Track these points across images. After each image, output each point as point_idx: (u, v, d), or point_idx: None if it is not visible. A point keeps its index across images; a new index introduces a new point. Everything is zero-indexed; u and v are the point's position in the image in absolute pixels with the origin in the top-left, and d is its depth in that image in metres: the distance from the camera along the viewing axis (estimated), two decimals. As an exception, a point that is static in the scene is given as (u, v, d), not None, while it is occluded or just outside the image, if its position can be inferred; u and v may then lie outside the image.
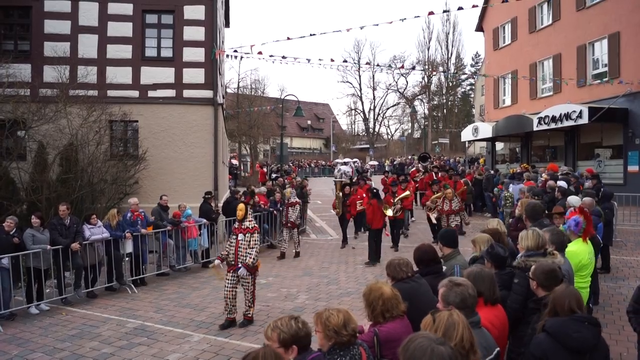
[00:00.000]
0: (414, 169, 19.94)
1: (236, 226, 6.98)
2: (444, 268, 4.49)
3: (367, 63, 48.18)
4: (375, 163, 41.48)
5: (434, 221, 11.77)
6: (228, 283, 6.83)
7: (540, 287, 3.48)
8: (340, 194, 13.12)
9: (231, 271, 6.83)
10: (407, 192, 12.07)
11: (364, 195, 12.60)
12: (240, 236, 6.84)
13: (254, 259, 6.74)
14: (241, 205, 6.97)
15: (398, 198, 11.78)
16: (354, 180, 15.49)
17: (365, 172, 26.50)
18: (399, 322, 3.17)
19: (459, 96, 58.18)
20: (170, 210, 10.72)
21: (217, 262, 7.15)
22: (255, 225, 6.95)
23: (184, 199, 11.70)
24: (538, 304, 3.46)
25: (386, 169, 31.64)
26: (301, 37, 14.32)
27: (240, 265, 6.71)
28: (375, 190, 11.41)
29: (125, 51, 13.46)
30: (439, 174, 15.47)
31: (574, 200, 7.79)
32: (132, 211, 9.79)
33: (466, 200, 14.52)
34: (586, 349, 2.87)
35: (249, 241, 6.78)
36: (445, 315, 2.42)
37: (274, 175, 21.23)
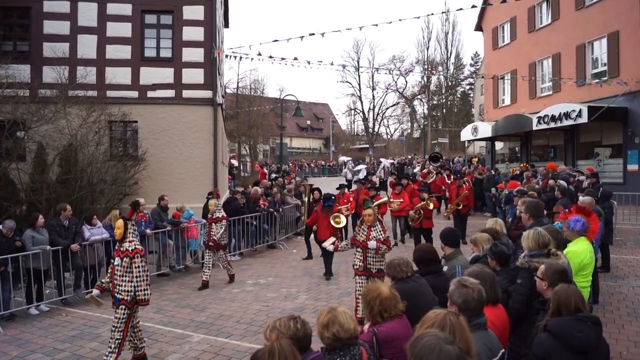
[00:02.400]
0: (425, 170, 18.77)
1: (116, 248, 5.61)
2: (446, 268, 4.50)
3: (365, 66, 48.11)
4: (393, 161, 34.48)
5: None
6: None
7: (551, 287, 3.46)
8: (309, 199, 11.57)
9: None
10: (384, 199, 10.98)
11: (351, 199, 11.74)
12: (117, 260, 5.41)
13: (144, 291, 5.31)
14: (119, 222, 5.52)
15: (375, 204, 10.67)
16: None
17: (371, 173, 25.58)
18: (398, 322, 3.17)
19: (459, 96, 58.23)
20: (170, 210, 10.71)
21: (95, 292, 5.71)
22: (137, 247, 5.45)
23: (184, 199, 11.71)
24: (544, 305, 3.45)
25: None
26: (300, 37, 14.26)
27: (116, 296, 5.36)
28: (331, 196, 10.30)
29: (124, 51, 13.46)
30: (450, 176, 14.57)
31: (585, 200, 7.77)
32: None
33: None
34: (589, 348, 2.87)
35: (127, 267, 5.34)
36: (433, 314, 2.42)
37: (273, 176, 21.23)
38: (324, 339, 2.69)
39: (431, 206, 10.39)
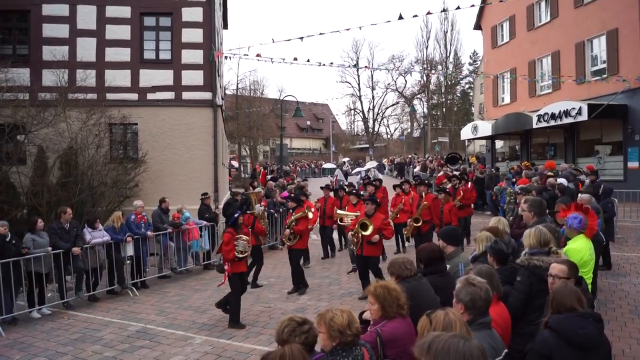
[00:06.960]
0: (441, 174, 16.74)
1: None
2: (447, 267, 4.50)
3: (365, 67, 48.09)
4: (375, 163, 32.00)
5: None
6: None
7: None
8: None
9: None
10: (303, 212, 8.66)
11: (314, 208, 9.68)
12: None
13: None
14: None
15: (293, 218, 8.50)
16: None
17: (367, 179, 24.27)
18: (401, 322, 3.18)
19: (458, 94, 58.17)
20: (170, 212, 10.71)
21: None
22: None
23: (184, 201, 11.69)
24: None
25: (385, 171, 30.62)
26: (300, 37, 14.26)
27: None
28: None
29: (123, 54, 13.45)
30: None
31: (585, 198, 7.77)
32: (135, 214, 9.78)
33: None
34: (591, 345, 2.88)
35: None
36: (441, 315, 2.43)
37: (269, 177, 21.18)
38: (345, 336, 2.71)
39: (368, 231, 7.32)
